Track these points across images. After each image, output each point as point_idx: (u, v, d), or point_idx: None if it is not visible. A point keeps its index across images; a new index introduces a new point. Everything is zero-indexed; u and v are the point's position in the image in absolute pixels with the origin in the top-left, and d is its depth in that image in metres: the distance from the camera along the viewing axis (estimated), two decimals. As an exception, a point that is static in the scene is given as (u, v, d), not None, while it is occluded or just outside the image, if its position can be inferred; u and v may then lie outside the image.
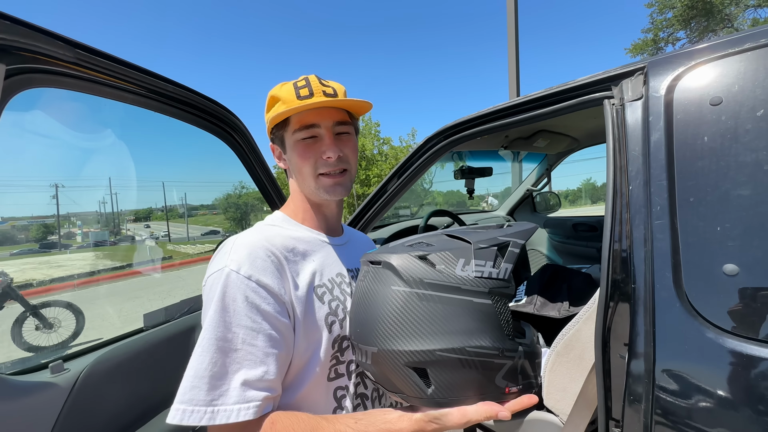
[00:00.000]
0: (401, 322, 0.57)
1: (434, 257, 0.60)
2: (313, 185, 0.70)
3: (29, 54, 0.56)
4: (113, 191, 38.83)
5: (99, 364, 0.73)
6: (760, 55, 0.71)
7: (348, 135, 0.73)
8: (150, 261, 13.58)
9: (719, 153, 0.72)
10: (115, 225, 37.56)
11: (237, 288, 0.57)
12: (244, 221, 35.86)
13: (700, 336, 0.69)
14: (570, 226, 2.84)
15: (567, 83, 1.07)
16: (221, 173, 58.22)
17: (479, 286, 0.59)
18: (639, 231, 0.80)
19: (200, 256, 16.35)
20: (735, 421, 0.65)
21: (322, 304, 0.66)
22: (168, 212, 48.76)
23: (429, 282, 0.58)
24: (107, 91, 0.71)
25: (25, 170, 39.54)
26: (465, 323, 0.57)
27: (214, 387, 0.54)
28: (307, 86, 0.66)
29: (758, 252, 0.65)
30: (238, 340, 0.56)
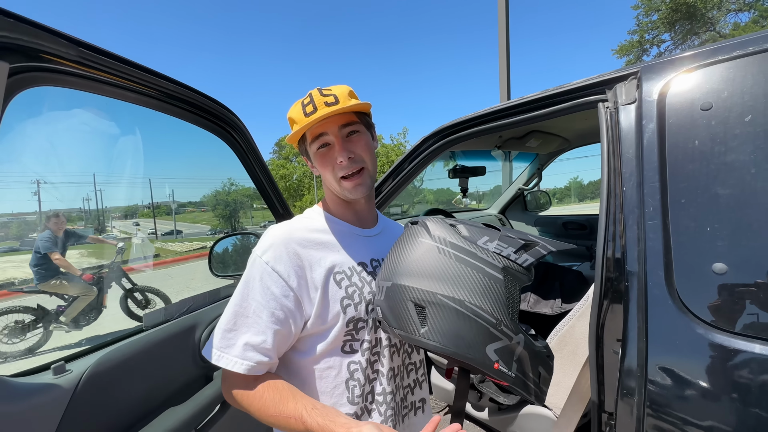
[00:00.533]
0: (417, 264, 0.65)
1: (462, 228, 0.68)
2: (338, 188, 0.78)
3: (33, 52, 0.55)
4: (98, 188, 37.92)
5: (101, 364, 0.72)
6: (749, 63, 0.74)
7: (358, 134, 0.78)
8: (136, 259, 13.31)
9: (709, 156, 0.75)
10: (99, 222, 36.68)
11: (257, 270, 0.71)
12: (234, 218, 35.41)
13: (691, 332, 0.72)
14: (560, 225, 2.90)
15: (562, 86, 1.10)
16: (209, 170, 57.32)
17: (495, 259, 0.63)
18: (632, 231, 0.83)
19: (189, 254, 16.10)
20: (723, 412, 0.68)
21: (339, 288, 0.74)
22: (155, 209, 47.84)
23: (451, 242, 0.65)
24: (110, 90, 0.70)
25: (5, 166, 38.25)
26: (472, 283, 0.62)
27: (226, 338, 0.69)
28: (311, 102, 0.73)
29: (745, 251, 0.69)
30: (250, 310, 0.70)
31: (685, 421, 0.73)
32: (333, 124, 0.74)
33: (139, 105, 0.77)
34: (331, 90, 0.75)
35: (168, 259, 14.52)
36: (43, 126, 20.92)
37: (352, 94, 0.77)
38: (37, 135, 20.97)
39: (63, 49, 0.58)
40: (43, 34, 0.55)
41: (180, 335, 0.92)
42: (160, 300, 5.24)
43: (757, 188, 0.69)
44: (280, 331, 0.69)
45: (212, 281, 1.30)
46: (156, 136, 57.78)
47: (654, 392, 0.76)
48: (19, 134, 18.31)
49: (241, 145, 1.10)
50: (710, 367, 0.70)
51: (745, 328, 0.68)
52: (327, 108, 0.71)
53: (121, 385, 0.76)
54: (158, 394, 0.85)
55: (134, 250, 15.53)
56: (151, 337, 0.85)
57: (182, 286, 8.27)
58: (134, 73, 0.71)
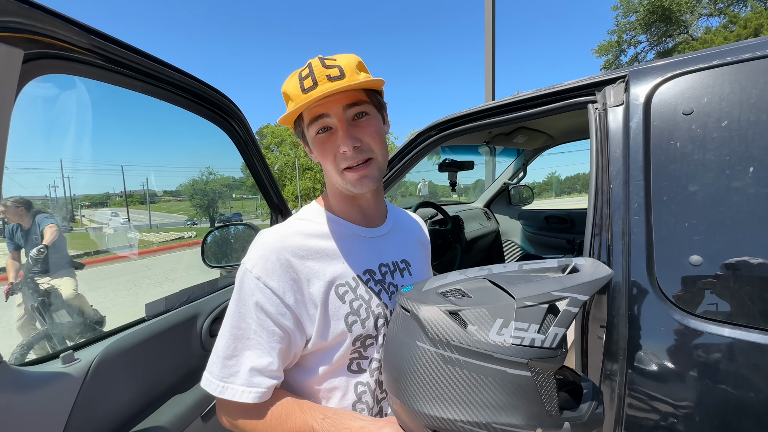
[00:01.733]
0: (424, 382, 0.53)
1: (467, 314, 0.52)
2: (339, 180, 0.66)
3: (46, 39, 0.54)
4: (65, 174, 36.10)
5: (108, 353, 0.72)
6: (726, 72, 0.81)
7: (367, 117, 0.64)
8: (110, 249, 12.83)
9: (689, 157, 0.81)
10: (67, 211, 35.00)
11: (248, 286, 0.62)
12: (212, 209, 34.54)
13: (669, 318, 0.79)
14: (542, 218, 3.01)
15: (554, 86, 1.15)
16: (187, 158, 55.48)
17: (516, 355, 0.49)
18: (618, 225, 0.89)
19: (166, 244, 15.65)
20: (699, 392, 0.76)
21: (342, 303, 0.65)
22: (128, 198, 46.03)
23: (456, 345, 0.51)
24: (118, 79, 0.69)
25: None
26: (493, 396, 0.50)
27: (227, 366, 0.61)
28: (310, 75, 0.59)
29: (719, 245, 0.76)
30: (250, 331, 0.61)
31: (662, 400, 0.80)
32: (336, 104, 0.61)
33: (145, 94, 0.76)
34: (335, 60, 0.61)
35: (144, 250, 14.07)
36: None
37: (361, 65, 0.64)
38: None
39: (75, 36, 0.57)
40: (57, 22, 0.54)
41: (182, 325, 0.92)
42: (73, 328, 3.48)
43: (730, 188, 0.76)
44: (282, 349, 0.62)
45: (195, 274, 1.29)
46: (130, 121, 55.32)
47: (635, 374, 0.83)
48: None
49: (240, 135, 1.10)
50: (685, 350, 0.77)
51: (717, 314, 0.75)
52: (329, 83, 0.58)
53: (128, 373, 0.76)
54: (164, 382, 0.86)
55: (107, 240, 14.95)
56: (155, 326, 0.85)
57: (161, 278, 8.07)
58: (142, 62, 0.70)
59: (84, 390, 0.66)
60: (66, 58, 0.59)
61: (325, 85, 0.58)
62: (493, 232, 3.12)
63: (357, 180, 0.64)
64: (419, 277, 0.81)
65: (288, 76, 0.64)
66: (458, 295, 0.56)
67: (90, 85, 0.77)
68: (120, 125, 47.10)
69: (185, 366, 0.92)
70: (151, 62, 0.72)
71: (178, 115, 1.16)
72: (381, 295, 0.69)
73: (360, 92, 0.63)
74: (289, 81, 0.63)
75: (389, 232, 0.78)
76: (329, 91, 0.56)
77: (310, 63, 0.61)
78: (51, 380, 0.63)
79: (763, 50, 0.78)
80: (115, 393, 0.73)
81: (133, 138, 63.33)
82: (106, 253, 12.93)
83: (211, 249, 1.40)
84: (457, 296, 0.55)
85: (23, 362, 0.66)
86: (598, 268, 0.59)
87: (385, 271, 0.72)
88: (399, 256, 0.78)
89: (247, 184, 36.88)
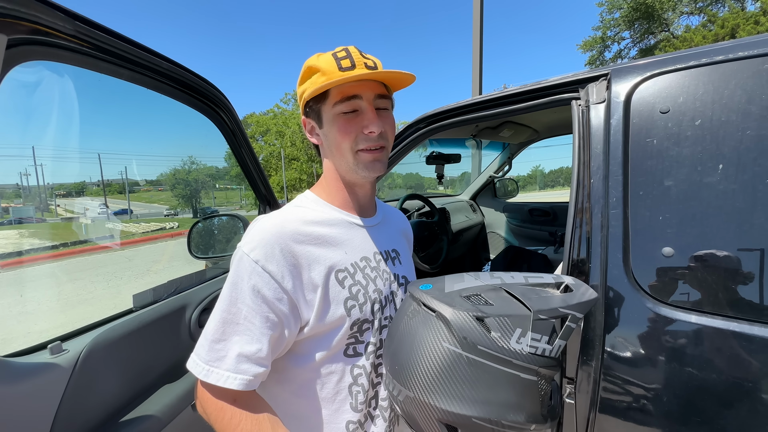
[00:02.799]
0: (444, 379, 0.56)
1: (492, 322, 0.57)
2: (351, 161, 0.67)
3: (30, 25, 0.53)
4: (38, 162, 34.57)
5: (97, 344, 0.72)
6: (701, 73, 0.84)
7: (387, 111, 0.69)
8: (88, 240, 12.44)
9: (664, 154, 0.86)
10: (41, 200, 33.62)
11: (245, 270, 0.61)
12: (195, 199, 33.79)
13: (642, 306, 0.84)
14: (526, 211, 3.08)
15: (540, 82, 1.17)
16: (169, 147, 53.87)
17: (530, 362, 0.57)
18: (597, 219, 0.93)
19: (147, 235, 15.27)
20: (667, 374, 0.81)
21: (342, 288, 0.67)
22: (106, 187, 44.51)
23: (482, 349, 0.56)
24: (105, 67, 0.67)
25: None
26: (507, 396, 0.56)
27: (215, 350, 0.60)
28: (348, 57, 0.63)
29: (689, 238, 0.80)
30: (240, 316, 0.61)
31: (634, 383, 0.85)
32: (370, 90, 0.65)
33: (132, 83, 0.75)
34: (369, 56, 0.66)
35: (124, 241, 13.71)
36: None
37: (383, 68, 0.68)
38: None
39: (60, 22, 0.56)
40: (41, 6, 0.53)
41: (171, 315, 0.92)
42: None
43: (701, 184, 0.80)
44: (274, 336, 0.62)
45: (178, 267, 1.28)
46: (108, 107, 53.18)
47: (609, 359, 0.88)
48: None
49: (228, 126, 1.09)
50: (656, 336, 0.82)
51: (686, 302, 0.80)
52: (368, 70, 0.62)
53: (117, 363, 0.76)
54: (153, 372, 0.86)
55: (84, 230, 14.46)
56: (143, 317, 0.85)
57: (143, 270, 7.90)
58: (129, 49, 0.68)
59: (73, 380, 0.66)
60: (50, 44, 0.57)
61: (364, 69, 0.62)
62: (479, 224, 3.18)
63: (370, 162, 0.67)
64: (407, 265, 0.85)
65: (314, 55, 0.67)
66: (481, 302, 0.60)
67: (68, 71, 0.74)
68: (100, 113, 45.24)
69: (174, 356, 0.92)
70: (138, 50, 0.70)
71: (160, 103, 1.14)
72: (377, 282, 0.72)
73: (385, 88, 0.68)
74: (319, 57, 0.65)
75: (380, 223, 0.81)
76: (370, 74, 0.61)
77: (346, 48, 0.65)
78: (40, 371, 0.62)
79: (735, 53, 0.82)
80: (105, 383, 0.73)
81: (113, 126, 61.01)
82: (83, 244, 12.51)
83: (197, 240, 1.39)
84: (480, 302, 0.60)
85: (11, 353, 0.65)
86: (587, 290, 0.68)
87: (379, 258, 0.75)
88: (390, 245, 0.81)
89: (231, 174, 36.13)
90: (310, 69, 0.66)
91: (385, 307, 0.73)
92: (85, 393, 0.68)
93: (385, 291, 0.74)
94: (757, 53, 0.79)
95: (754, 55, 0.79)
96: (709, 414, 0.76)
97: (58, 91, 18.09)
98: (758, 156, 0.75)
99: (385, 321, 0.73)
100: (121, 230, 17.67)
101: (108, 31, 0.64)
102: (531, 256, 2.03)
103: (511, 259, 2.02)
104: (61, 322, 4.48)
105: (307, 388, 0.67)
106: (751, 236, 0.75)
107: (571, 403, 0.95)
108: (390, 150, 0.72)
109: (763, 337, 0.72)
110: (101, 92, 38.75)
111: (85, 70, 0.69)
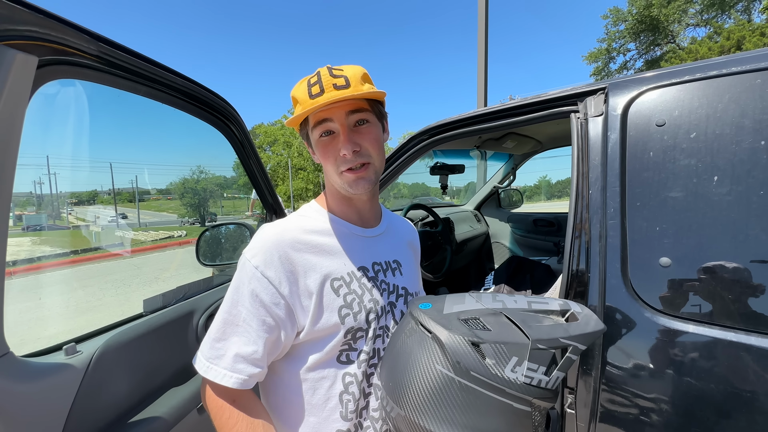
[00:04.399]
0: (435, 402, 0.56)
1: (487, 348, 0.56)
2: (338, 181, 0.70)
3: (59, 47, 0.57)
4: (51, 171, 35.39)
5: (109, 346, 0.75)
6: (695, 87, 0.87)
7: (367, 124, 0.69)
8: (98, 248, 12.63)
9: (660, 166, 0.87)
10: (53, 208, 34.28)
11: (246, 275, 0.65)
12: (203, 207, 34.19)
13: (640, 316, 0.85)
14: (530, 222, 3.08)
15: (540, 95, 1.20)
16: (178, 157, 54.85)
17: (524, 392, 0.56)
18: (596, 229, 0.95)
19: (155, 243, 15.46)
20: (666, 384, 0.81)
21: (336, 297, 0.68)
22: (116, 195, 45.29)
23: (475, 375, 0.55)
24: (124, 84, 0.71)
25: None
26: (498, 425, 0.56)
27: (215, 348, 0.64)
28: (318, 83, 0.64)
29: (686, 248, 0.82)
30: (240, 318, 0.64)
31: (634, 394, 0.85)
32: (340, 110, 0.66)
33: (148, 98, 0.80)
34: (342, 70, 0.66)
35: (133, 249, 13.88)
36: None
37: (366, 77, 0.68)
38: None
39: (85, 44, 0.61)
40: (69, 30, 0.58)
41: (179, 320, 0.95)
42: None
43: (697, 195, 0.82)
44: (270, 339, 0.64)
45: (186, 275, 1.32)
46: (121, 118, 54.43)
47: (609, 369, 0.88)
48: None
49: (237, 137, 1.13)
50: (655, 346, 0.83)
51: (684, 312, 0.81)
52: (335, 92, 0.63)
53: (128, 365, 0.79)
54: (161, 375, 0.89)
55: (94, 238, 14.67)
56: (153, 321, 0.88)
57: (151, 277, 8.00)
58: (147, 67, 0.73)
59: (86, 381, 0.69)
60: (76, 63, 0.62)
61: (331, 93, 0.63)
62: (483, 234, 3.19)
63: (354, 181, 0.69)
64: (409, 276, 0.85)
65: (297, 82, 0.69)
66: (479, 326, 0.59)
67: (83, 84, 0.79)
68: (112, 124, 46.36)
69: (182, 360, 0.94)
70: (155, 68, 0.75)
71: (170, 114, 1.19)
72: (373, 292, 0.73)
73: (363, 101, 0.68)
74: (298, 86, 0.68)
75: (383, 234, 0.82)
76: (333, 99, 0.62)
77: (318, 71, 0.66)
78: (55, 371, 0.65)
79: (728, 68, 0.84)
80: (115, 384, 0.76)
81: (124, 136, 62.34)
82: (94, 251, 12.71)
83: (205, 248, 1.42)
84: (478, 327, 0.59)
85: (28, 353, 0.69)
86: (593, 319, 0.65)
87: (377, 269, 0.76)
88: (391, 256, 0.82)
89: (239, 183, 36.55)
90: (293, 99, 0.69)
91: (381, 317, 0.73)
92: (96, 393, 0.71)
93: (381, 301, 0.74)
94: (750, 68, 0.81)
95: (746, 71, 0.82)
96: (710, 424, 0.76)
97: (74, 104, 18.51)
98: (752, 168, 0.77)
99: (380, 331, 0.73)
100: (131, 238, 17.92)
101: (128, 51, 0.69)
102: (534, 267, 2.04)
103: (515, 269, 2.03)
104: (69, 327, 4.55)
105: (299, 392, 0.68)
106: (747, 246, 0.76)
107: (572, 413, 0.95)
108: (378, 162, 0.71)
109: (762, 348, 0.72)
110: (114, 104, 39.75)
111: (100, 85, 0.74)
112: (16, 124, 0.53)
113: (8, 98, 0.51)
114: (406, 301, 0.80)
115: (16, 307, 4.86)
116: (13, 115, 0.52)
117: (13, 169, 0.55)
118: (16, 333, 4.25)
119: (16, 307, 5.03)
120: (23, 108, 0.54)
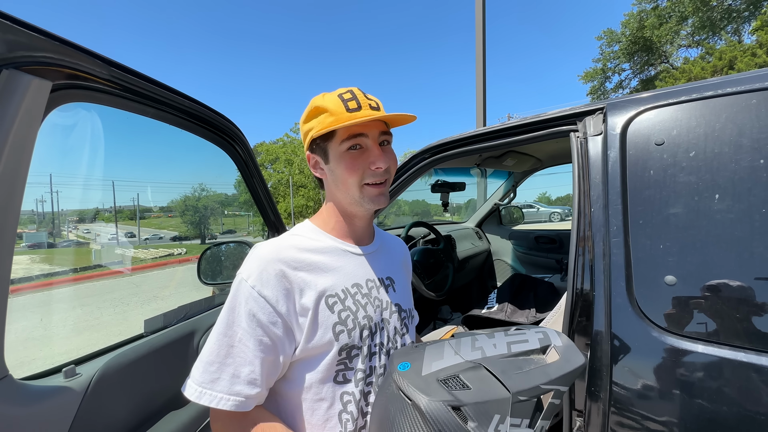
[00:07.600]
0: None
1: (469, 410, 0.55)
2: (357, 195, 0.71)
3: (72, 71, 0.59)
4: (53, 189, 35.64)
5: (109, 368, 0.74)
6: (693, 107, 0.89)
7: (389, 146, 0.74)
8: (97, 266, 12.56)
9: (661, 184, 0.88)
10: (54, 226, 34.32)
11: (242, 295, 0.64)
12: (203, 225, 34.22)
13: (647, 335, 0.84)
14: (532, 239, 3.08)
15: (540, 115, 1.22)
16: (180, 174, 55.30)
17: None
18: (599, 247, 0.95)
19: (154, 261, 15.39)
20: (677, 406, 0.79)
21: (331, 313, 0.68)
22: (117, 213, 45.40)
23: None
24: (133, 106, 0.73)
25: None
26: None
27: (208, 372, 0.62)
28: (354, 99, 0.68)
29: (691, 266, 0.81)
30: (235, 338, 0.63)
31: (644, 416, 0.83)
32: (375, 129, 0.70)
33: (156, 119, 0.81)
34: (371, 97, 0.72)
35: (133, 267, 13.80)
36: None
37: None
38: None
39: (97, 68, 0.63)
40: (82, 55, 0.59)
41: (179, 341, 0.94)
42: None
43: (699, 213, 0.82)
44: (267, 359, 0.64)
45: (185, 293, 1.30)
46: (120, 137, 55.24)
47: (617, 390, 0.87)
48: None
49: (242, 157, 1.15)
50: (664, 367, 0.81)
51: (691, 331, 0.80)
52: (373, 111, 0.68)
53: (127, 387, 0.77)
54: (160, 398, 0.87)
55: (93, 256, 14.62)
56: (153, 342, 0.87)
57: (149, 296, 7.92)
58: (156, 90, 0.75)
59: (84, 404, 0.67)
60: (87, 87, 0.64)
61: (369, 110, 0.68)
62: (485, 251, 3.18)
63: (376, 195, 0.72)
64: (402, 293, 0.85)
65: (318, 95, 0.72)
66: (458, 385, 0.58)
67: (93, 107, 0.80)
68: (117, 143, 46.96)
69: (181, 382, 0.91)
70: (164, 90, 0.77)
71: (173, 132, 1.21)
72: (367, 308, 0.73)
73: (386, 125, 0.73)
74: (327, 97, 0.70)
75: (376, 251, 0.83)
76: (377, 116, 0.67)
77: (351, 89, 0.71)
78: (54, 394, 0.64)
79: (723, 88, 0.86)
80: (114, 407, 0.74)
81: (127, 155, 63.13)
82: (93, 269, 12.65)
83: (206, 266, 1.42)
84: (458, 387, 0.58)
85: (27, 376, 0.67)
86: (574, 353, 0.65)
87: (371, 285, 0.76)
88: (385, 273, 0.82)
89: (240, 201, 36.70)
90: (317, 109, 0.70)
91: (375, 334, 0.74)
92: (95, 416, 0.69)
93: (375, 318, 0.74)
94: (744, 89, 0.83)
95: (741, 91, 0.84)
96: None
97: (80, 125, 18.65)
98: (753, 186, 0.78)
99: (375, 348, 0.73)
100: (130, 256, 17.85)
101: (138, 74, 0.71)
102: (537, 284, 2.02)
103: (518, 287, 2.01)
104: (66, 349, 4.47)
105: (298, 413, 0.68)
106: (752, 264, 0.75)
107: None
108: (390, 182, 0.76)
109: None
110: (120, 123, 40.42)
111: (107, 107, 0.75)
112: (28, 146, 0.54)
113: (22, 122, 0.52)
114: (399, 318, 0.80)
115: (14, 327, 4.80)
116: (25, 138, 0.53)
117: (22, 189, 0.55)
118: (13, 353, 4.17)
119: (13, 327, 4.98)
120: (35, 131, 0.55)
